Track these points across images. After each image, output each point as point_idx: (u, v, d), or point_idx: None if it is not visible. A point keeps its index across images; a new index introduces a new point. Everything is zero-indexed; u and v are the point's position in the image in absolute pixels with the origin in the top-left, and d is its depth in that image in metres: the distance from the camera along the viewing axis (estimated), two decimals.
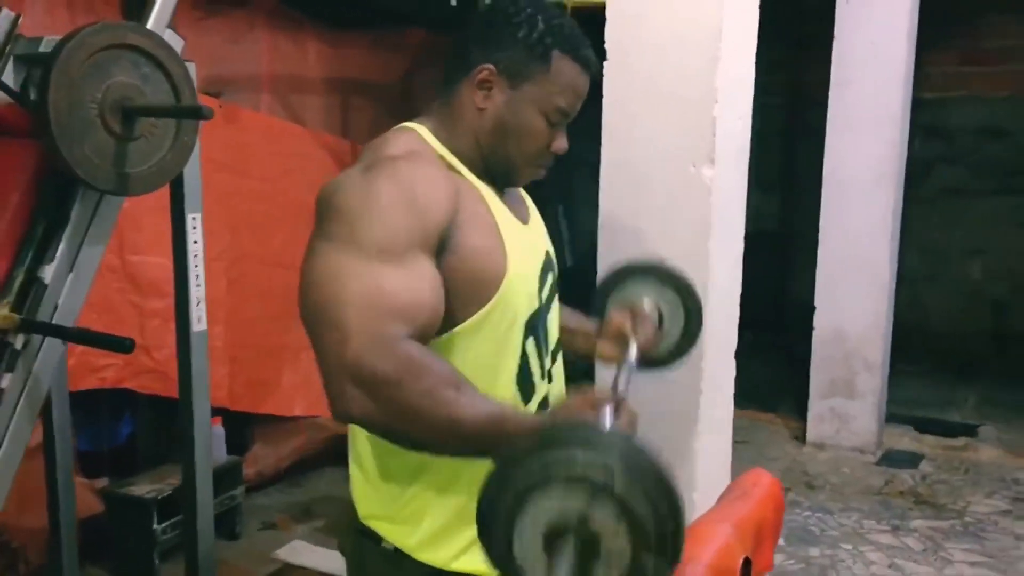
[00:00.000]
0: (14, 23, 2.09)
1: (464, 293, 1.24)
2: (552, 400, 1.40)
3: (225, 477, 3.33)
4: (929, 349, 5.75)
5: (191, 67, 1.98)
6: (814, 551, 3.42)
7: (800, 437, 4.61)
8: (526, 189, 1.49)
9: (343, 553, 1.44)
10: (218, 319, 3.38)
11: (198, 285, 2.12)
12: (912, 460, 4.37)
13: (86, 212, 1.85)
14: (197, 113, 1.73)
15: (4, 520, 2.80)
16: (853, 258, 4.30)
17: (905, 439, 4.62)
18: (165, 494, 3.10)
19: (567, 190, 5.61)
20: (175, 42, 1.96)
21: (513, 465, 0.92)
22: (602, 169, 2.24)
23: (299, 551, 3.16)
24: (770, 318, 6.00)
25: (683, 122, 2.12)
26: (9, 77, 1.90)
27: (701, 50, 2.08)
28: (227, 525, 3.37)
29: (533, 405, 1.35)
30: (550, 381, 1.41)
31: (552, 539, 0.90)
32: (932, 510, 3.80)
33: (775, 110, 6.44)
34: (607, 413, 1.09)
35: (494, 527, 0.93)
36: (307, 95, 4.00)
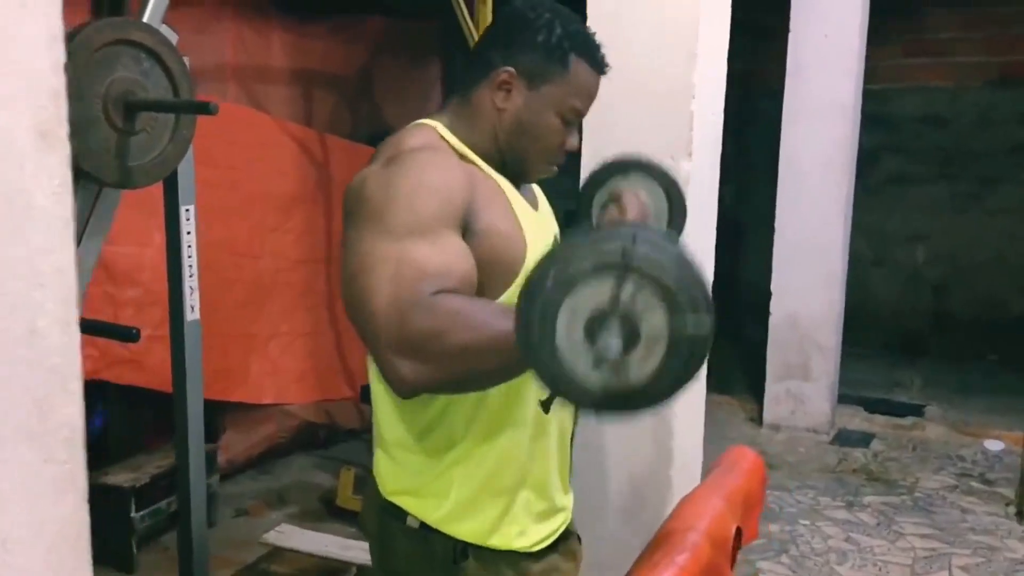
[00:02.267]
0: None
1: (488, 275, 1.28)
2: None
3: None
4: (875, 331, 5.97)
5: (184, 60, 2.01)
6: (774, 527, 3.56)
7: (756, 419, 4.77)
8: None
9: (366, 534, 1.49)
10: None
11: (191, 275, 2.15)
12: (864, 439, 4.56)
13: (85, 205, 1.87)
14: (203, 109, 1.76)
15: None
16: (807, 245, 4.46)
17: (856, 419, 4.81)
18: (142, 483, 3.12)
19: (564, 182, 5.66)
20: (171, 37, 1.99)
21: (542, 276, 0.94)
22: (583, 163, 2.32)
23: (287, 535, 3.20)
24: (724, 303, 6.17)
25: (662, 117, 2.20)
26: None
27: (679, 47, 2.16)
28: None
29: None
30: None
31: (593, 326, 0.92)
32: (884, 486, 3.98)
33: (729, 99, 6.59)
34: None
35: (536, 335, 0.93)
36: (271, 84, 4.01)
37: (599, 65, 1.40)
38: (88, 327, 1.79)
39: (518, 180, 1.44)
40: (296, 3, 4.01)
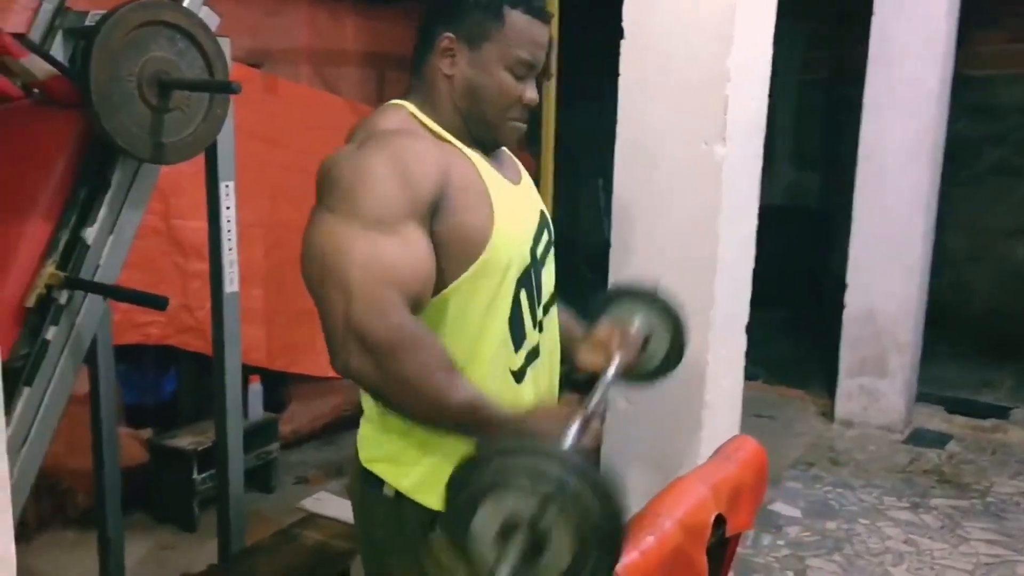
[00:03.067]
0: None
1: (455, 253, 1.34)
2: (543, 349, 1.48)
3: (261, 433, 3.49)
4: (970, 330, 5.71)
5: (225, 42, 2.09)
6: (831, 524, 3.47)
7: (828, 414, 4.63)
8: (563, 165, 1.57)
9: (351, 498, 1.54)
10: (256, 282, 3.52)
11: (230, 249, 2.24)
12: (940, 440, 4.38)
13: (126, 178, 1.97)
14: (227, 87, 1.84)
15: (54, 463, 2.98)
16: (886, 237, 4.30)
17: (935, 419, 4.63)
18: (204, 447, 3.26)
19: (607, 164, 5.65)
20: (210, 19, 2.07)
21: (481, 463, 1.06)
22: (616, 146, 2.31)
23: (324, 502, 3.31)
24: (808, 295, 5.99)
25: (696, 101, 2.17)
26: (58, 50, 2.03)
27: (714, 31, 2.12)
28: (263, 479, 3.54)
29: (523, 352, 1.44)
30: (541, 331, 1.49)
31: (506, 532, 1.04)
32: (955, 489, 3.83)
33: (817, 86, 6.39)
34: (574, 428, 1.19)
35: (457, 511, 1.06)
36: (345, 67, 4.11)
37: (536, 12, 1.41)
38: (119, 294, 1.90)
39: (492, 146, 1.46)
40: None
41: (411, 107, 1.42)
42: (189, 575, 2.76)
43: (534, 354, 1.47)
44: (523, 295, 1.43)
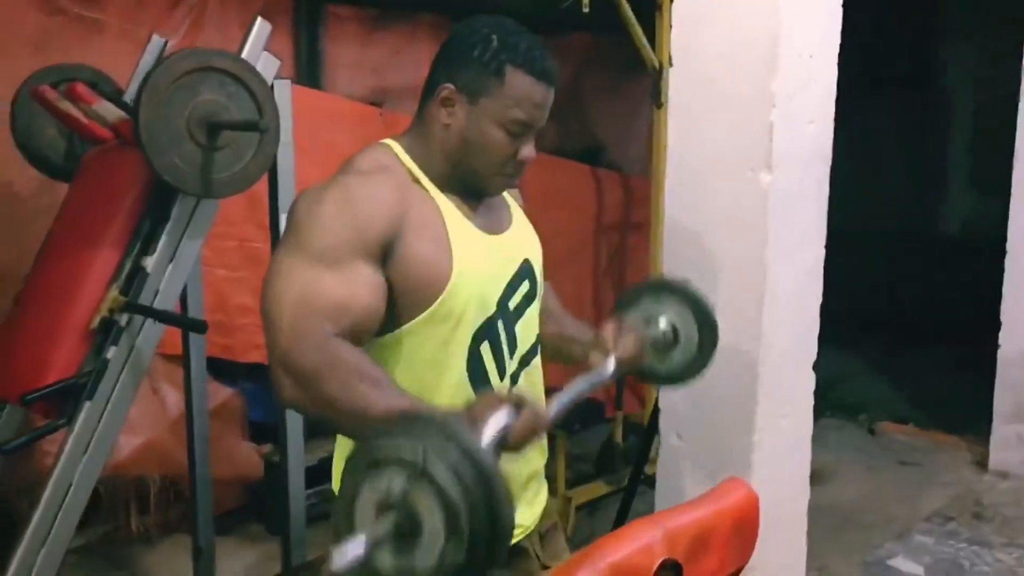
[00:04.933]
0: (163, 48, 2.45)
1: (409, 295, 1.36)
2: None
3: None
4: None
5: (285, 84, 2.25)
6: None
7: (983, 463, 4.23)
8: None
9: None
10: None
11: None
12: None
13: (185, 212, 2.14)
14: (253, 127, 1.97)
15: (181, 472, 3.25)
16: None
17: None
18: (310, 464, 3.42)
19: None
20: (271, 63, 2.22)
21: (366, 443, 1.04)
22: (668, 172, 2.26)
23: None
24: (980, 333, 5.50)
25: (740, 126, 2.09)
26: (131, 94, 2.24)
27: (758, 55, 2.04)
28: None
29: None
30: (515, 383, 1.48)
31: (380, 511, 1.00)
32: None
33: (998, 104, 5.89)
34: (503, 413, 1.18)
35: (343, 496, 1.04)
36: None
37: (538, 73, 1.39)
38: (165, 318, 2.06)
39: (479, 195, 1.47)
40: None
41: (397, 147, 1.45)
42: None
43: None
44: (486, 347, 1.43)
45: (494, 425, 1.16)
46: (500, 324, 1.45)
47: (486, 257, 1.45)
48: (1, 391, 2.11)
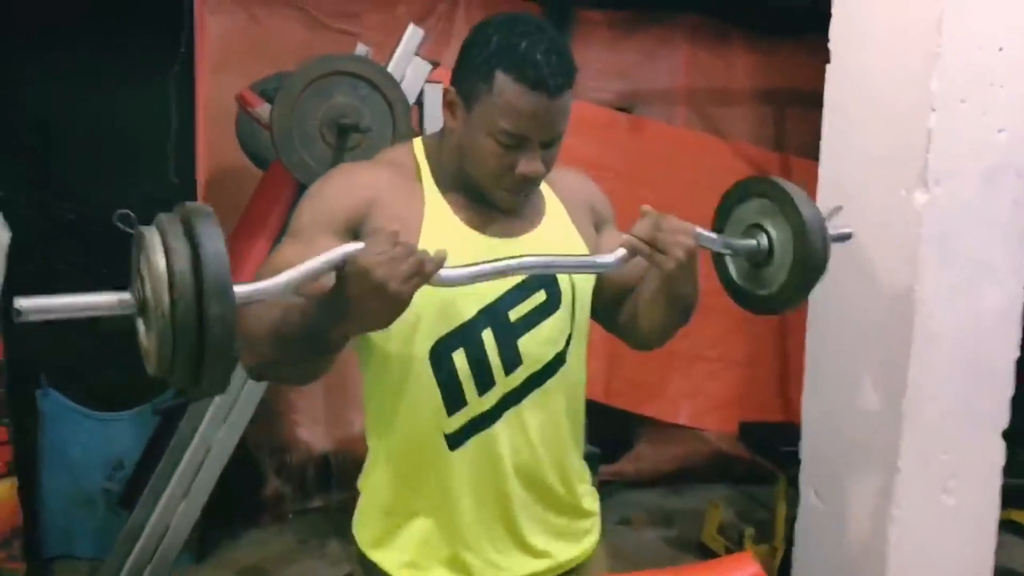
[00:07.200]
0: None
1: None
2: (508, 422, 1.36)
3: None
4: None
5: (437, 88, 2.28)
6: None
7: None
8: None
9: None
10: None
11: None
12: None
13: None
14: (355, 128, 2.02)
15: None
16: None
17: None
18: None
19: None
20: (421, 68, 2.26)
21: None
22: (819, 184, 1.93)
23: None
24: None
25: (897, 135, 1.73)
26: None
27: (920, 46, 1.67)
28: None
29: (461, 417, 1.34)
30: (514, 404, 1.36)
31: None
32: None
33: None
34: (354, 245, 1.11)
35: None
36: (731, 106, 3.97)
37: (530, 81, 1.23)
38: None
39: (489, 203, 1.37)
40: (761, 22, 3.90)
41: (419, 144, 1.42)
42: None
43: (481, 423, 1.35)
44: (460, 355, 1.33)
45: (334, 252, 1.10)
46: (487, 333, 1.34)
47: (466, 258, 1.34)
48: None
